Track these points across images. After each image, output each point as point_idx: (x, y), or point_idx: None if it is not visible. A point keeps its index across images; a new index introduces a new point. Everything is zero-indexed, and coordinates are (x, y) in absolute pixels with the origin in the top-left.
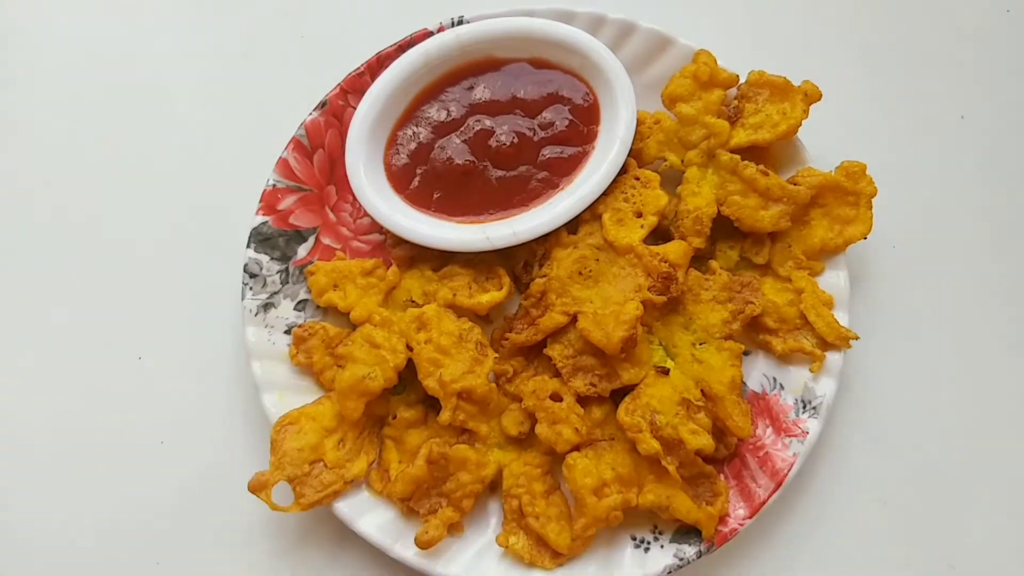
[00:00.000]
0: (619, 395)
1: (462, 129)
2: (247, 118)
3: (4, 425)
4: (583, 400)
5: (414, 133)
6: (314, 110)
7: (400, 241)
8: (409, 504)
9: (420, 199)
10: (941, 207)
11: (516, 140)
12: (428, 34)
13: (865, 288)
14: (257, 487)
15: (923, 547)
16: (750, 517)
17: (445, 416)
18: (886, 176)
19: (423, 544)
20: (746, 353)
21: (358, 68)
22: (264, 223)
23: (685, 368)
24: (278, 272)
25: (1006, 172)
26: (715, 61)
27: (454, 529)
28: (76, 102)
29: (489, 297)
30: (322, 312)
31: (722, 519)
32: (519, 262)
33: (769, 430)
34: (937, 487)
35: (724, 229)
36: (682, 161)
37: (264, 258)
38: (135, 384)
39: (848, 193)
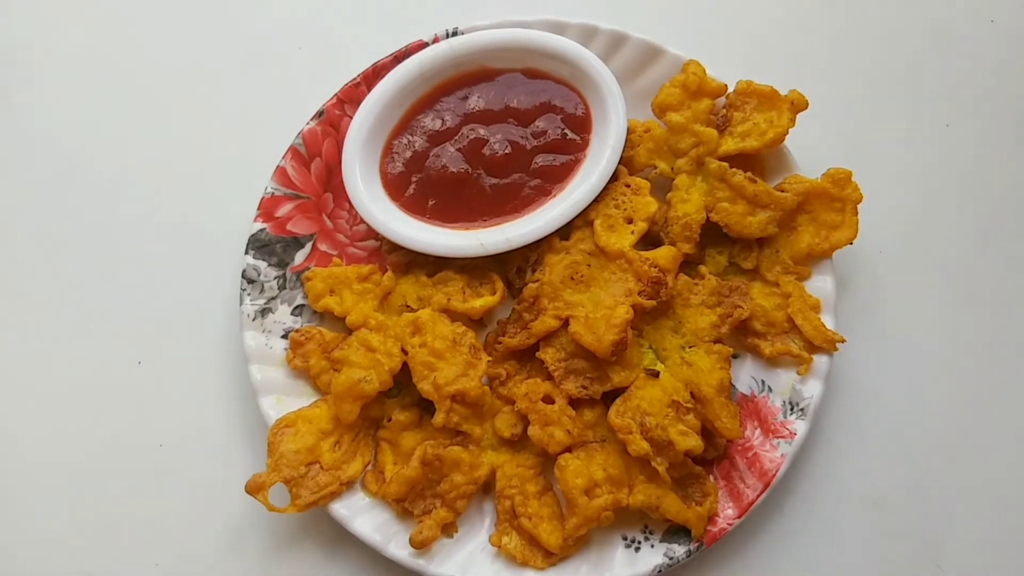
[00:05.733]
0: (610, 397)
1: (456, 138)
2: (246, 127)
3: (3, 428)
4: (575, 402)
5: (409, 142)
6: (311, 119)
7: (395, 247)
8: (404, 505)
9: (415, 206)
10: (926, 213)
11: (509, 149)
12: (423, 45)
13: (851, 292)
14: (254, 488)
15: (909, 546)
16: (739, 517)
17: (439, 418)
18: (872, 183)
19: (417, 544)
20: (735, 356)
21: (354, 79)
22: (262, 230)
23: (675, 371)
24: (276, 278)
25: (990, 178)
26: (704, 71)
27: (448, 529)
28: (76, 112)
29: (483, 302)
30: (319, 317)
31: (711, 519)
32: (512, 267)
33: (757, 431)
34: (923, 487)
35: (713, 235)
36: (672, 168)
37: (262, 264)
38: (135, 388)
39: (834, 199)
